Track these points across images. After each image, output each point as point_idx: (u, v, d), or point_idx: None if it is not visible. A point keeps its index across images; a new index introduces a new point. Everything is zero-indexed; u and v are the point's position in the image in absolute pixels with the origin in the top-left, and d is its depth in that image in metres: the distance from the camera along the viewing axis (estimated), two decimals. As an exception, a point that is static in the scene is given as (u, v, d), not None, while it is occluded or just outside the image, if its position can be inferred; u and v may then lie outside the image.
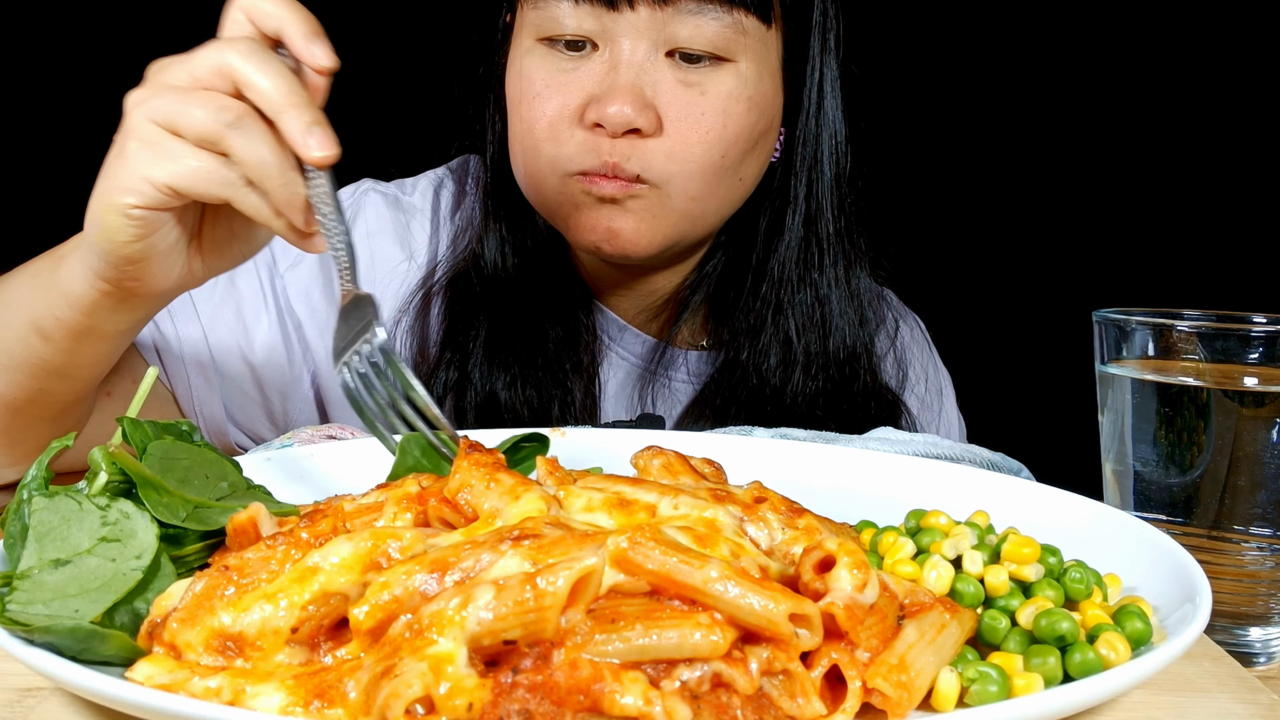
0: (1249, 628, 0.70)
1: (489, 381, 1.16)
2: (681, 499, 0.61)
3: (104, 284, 0.84)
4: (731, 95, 1.08)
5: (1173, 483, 0.72)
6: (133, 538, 0.58)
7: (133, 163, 0.76)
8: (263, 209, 0.76)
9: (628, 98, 1.04)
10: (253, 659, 0.51)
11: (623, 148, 1.06)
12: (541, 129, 1.09)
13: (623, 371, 1.27)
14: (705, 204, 1.12)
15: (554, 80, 1.08)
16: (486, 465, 0.63)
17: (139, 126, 0.76)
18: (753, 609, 0.50)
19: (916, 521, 0.67)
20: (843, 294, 1.22)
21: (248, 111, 0.74)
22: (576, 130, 1.07)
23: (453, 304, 1.20)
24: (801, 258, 1.20)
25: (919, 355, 1.39)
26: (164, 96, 0.75)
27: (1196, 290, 1.50)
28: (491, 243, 1.20)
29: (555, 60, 1.08)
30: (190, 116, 0.74)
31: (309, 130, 0.73)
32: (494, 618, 0.47)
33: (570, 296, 1.23)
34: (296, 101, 0.73)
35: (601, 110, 1.04)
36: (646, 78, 1.06)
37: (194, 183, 0.75)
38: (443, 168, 1.33)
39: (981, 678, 0.52)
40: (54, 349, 0.90)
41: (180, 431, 0.69)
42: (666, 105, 1.06)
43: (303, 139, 0.73)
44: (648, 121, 1.05)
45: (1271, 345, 0.70)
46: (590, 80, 1.07)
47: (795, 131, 1.18)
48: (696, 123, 1.07)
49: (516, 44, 1.12)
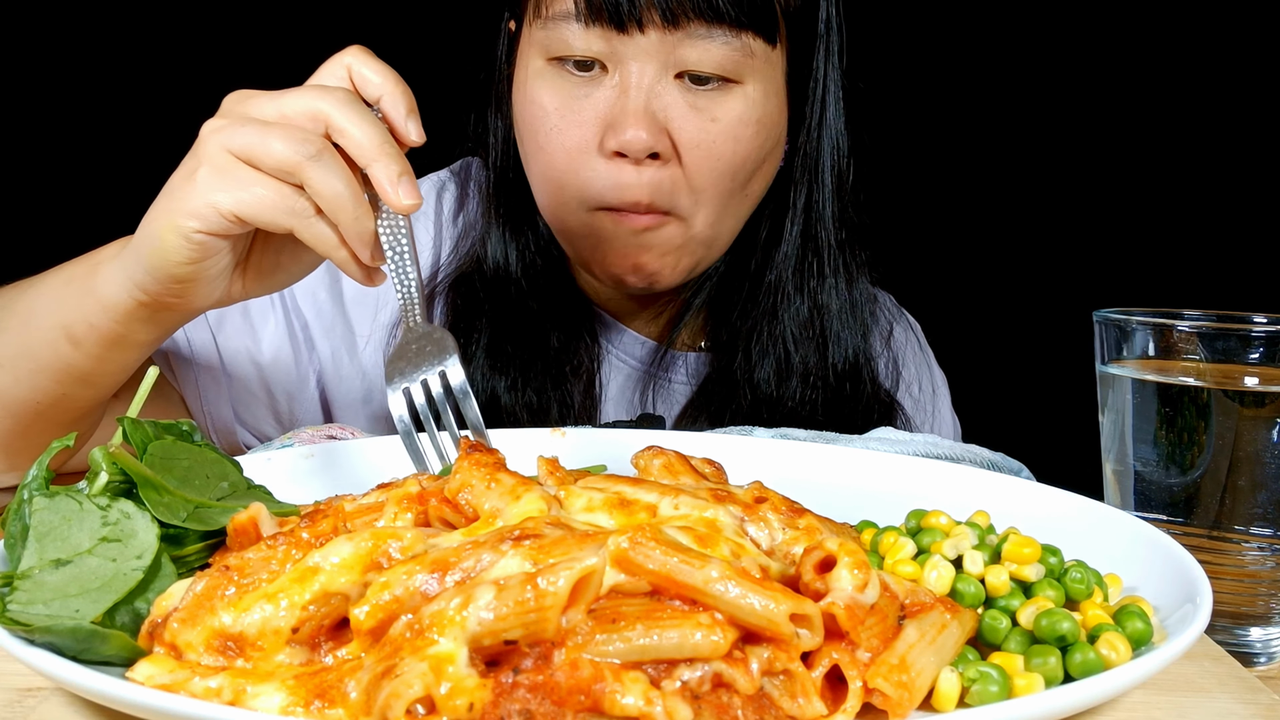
0: (1249, 628, 0.70)
1: (490, 384, 1.16)
2: (682, 499, 0.61)
3: (144, 295, 0.85)
4: (740, 120, 1.09)
5: (1173, 483, 0.72)
6: (133, 538, 0.58)
7: (201, 187, 0.78)
8: (329, 240, 0.78)
9: (643, 122, 1.05)
10: (253, 659, 0.51)
11: (649, 179, 1.06)
12: (562, 162, 1.09)
13: (622, 374, 1.27)
14: (720, 228, 1.14)
15: (567, 108, 1.08)
16: (487, 465, 0.63)
17: (213, 154, 0.78)
18: (753, 609, 0.50)
19: (917, 521, 0.67)
20: (843, 304, 1.22)
21: (329, 146, 0.76)
22: (597, 161, 1.08)
23: (455, 306, 1.20)
24: (799, 267, 1.21)
25: (913, 357, 1.40)
26: (246, 128, 0.77)
27: (1196, 290, 1.50)
28: (494, 245, 1.21)
29: (566, 85, 1.08)
30: (270, 148, 0.76)
31: (399, 180, 0.76)
32: (495, 618, 0.47)
33: (570, 300, 1.23)
34: (389, 152, 0.77)
35: (619, 138, 1.05)
36: (657, 101, 1.06)
37: (260, 211, 0.77)
38: (445, 170, 1.33)
39: (982, 678, 0.52)
40: (83, 355, 0.91)
41: (181, 431, 0.69)
42: (679, 131, 1.07)
43: (393, 188, 0.76)
44: (664, 145, 1.06)
45: (1272, 345, 0.70)
46: (602, 106, 1.07)
47: (797, 143, 1.19)
48: (709, 150, 1.08)
49: (524, 62, 1.12)
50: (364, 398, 1.21)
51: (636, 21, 1.03)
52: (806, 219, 1.20)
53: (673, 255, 1.12)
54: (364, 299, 1.21)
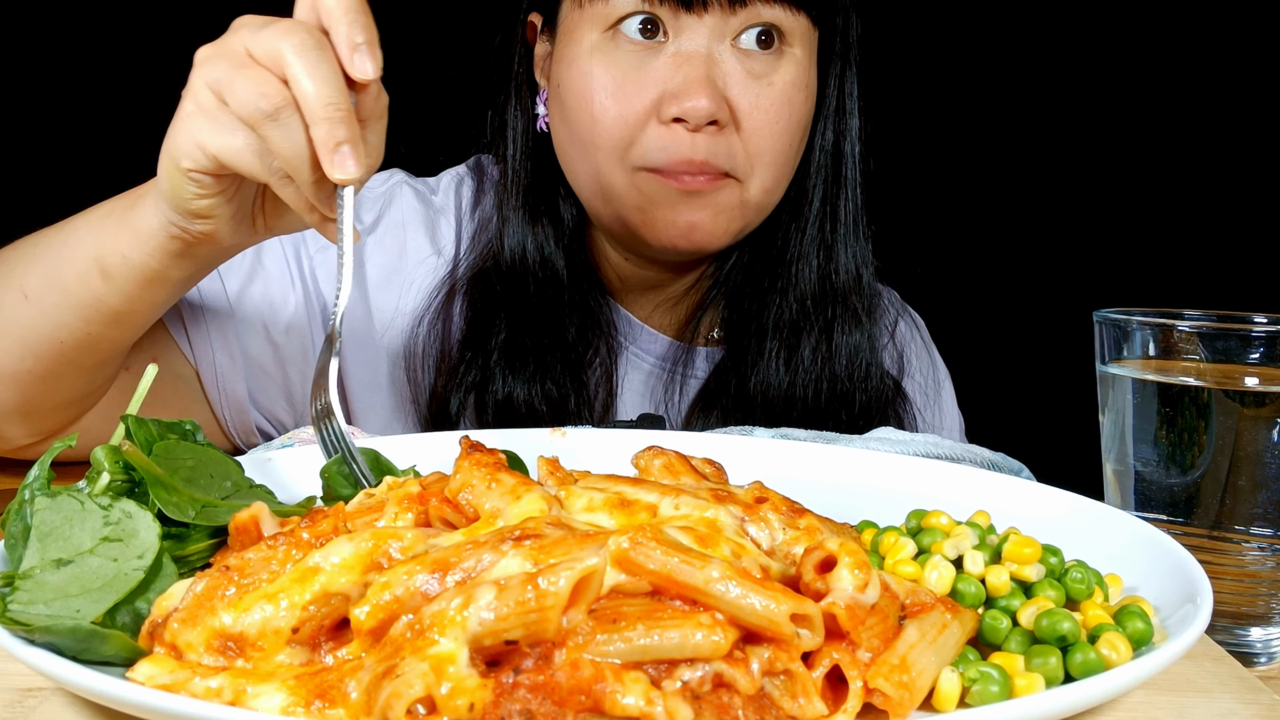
0: (1250, 628, 0.70)
1: (508, 379, 1.17)
2: (683, 499, 0.61)
3: (175, 229, 0.85)
4: (794, 84, 1.12)
5: (1173, 483, 0.72)
6: (135, 537, 0.58)
7: (187, 125, 0.77)
8: (298, 200, 0.77)
9: (704, 90, 1.06)
10: (254, 659, 0.51)
11: (706, 143, 1.08)
12: (615, 127, 1.10)
13: (640, 370, 1.27)
14: (774, 194, 1.16)
15: (625, 77, 1.09)
16: (488, 465, 0.63)
17: (197, 89, 0.77)
18: (754, 609, 0.50)
19: (917, 521, 0.67)
20: (853, 290, 1.23)
21: (289, 103, 0.74)
22: (652, 126, 1.09)
23: (474, 301, 1.21)
24: (815, 251, 1.22)
25: (917, 351, 1.40)
26: (221, 63, 0.76)
27: (1196, 290, 1.50)
28: (512, 240, 1.21)
29: (622, 56, 1.09)
30: (236, 92, 0.75)
31: (335, 148, 0.73)
32: (495, 618, 0.47)
33: (587, 294, 1.23)
34: (333, 114, 0.73)
35: (681, 105, 1.06)
36: (716, 70, 1.08)
37: (240, 160, 0.76)
38: (461, 166, 1.34)
39: (983, 678, 0.52)
40: (114, 290, 0.90)
41: (184, 431, 0.69)
42: (738, 98, 1.09)
43: (327, 153, 0.73)
44: (724, 113, 1.08)
45: (1272, 345, 0.70)
46: (662, 75, 1.08)
47: (816, 126, 1.21)
48: (766, 114, 1.10)
49: (575, 42, 1.13)
50: (379, 383, 1.21)
51: (701, 2, 1.06)
52: (823, 207, 1.22)
53: (725, 216, 1.13)
54: (386, 285, 1.22)
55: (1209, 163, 2.65)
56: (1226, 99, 2.66)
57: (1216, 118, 2.66)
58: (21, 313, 0.94)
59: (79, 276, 0.91)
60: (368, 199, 1.27)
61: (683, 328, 1.29)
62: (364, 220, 1.25)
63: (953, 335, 1.54)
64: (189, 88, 0.78)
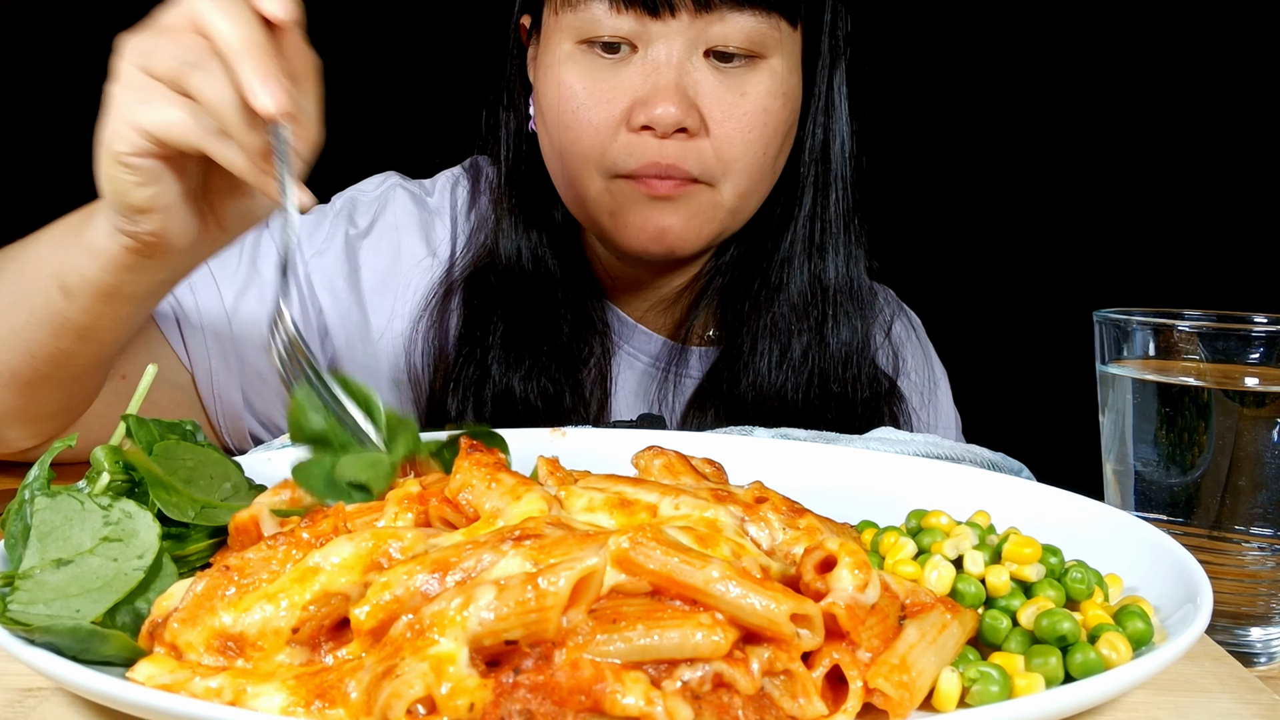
0: (1250, 628, 0.70)
1: (505, 375, 1.17)
2: (682, 499, 0.61)
3: (125, 239, 0.83)
4: (769, 93, 1.11)
5: (1173, 483, 0.72)
6: (135, 537, 0.58)
7: (119, 109, 0.76)
8: (237, 159, 0.74)
9: (673, 98, 1.06)
10: (254, 659, 0.51)
11: (675, 148, 1.08)
12: (586, 134, 1.10)
13: (634, 370, 1.27)
14: (749, 200, 1.16)
15: (596, 87, 1.09)
16: (488, 465, 0.63)
17: (124, 71, 0.76)
18: (754, 609, 0.50)
19: (917, 521, 0.67)
20: (845, 286, 1.23)
21: (211, 53, 0.72)
22: (623, 134, 1.09)
23: (470, 300, 1.21)
24: (806, 250, 1.22)
25: (913, 350, 1.40)
26: (142, 37, 0.75)
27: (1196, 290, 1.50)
28: (506, 240, 1.21)
29: (594, 65, 1.09)
30: (158, 57, 0.74)
31: (261, 80, 0.71)
32: (495, 618, 0.47)
33: (581, 294, 1.24)
34: (254, 51, 0.71)
35: (649, 112, 1.06)
36: (688, 79, 1.08)
37: (172, 132, 0.74)
38: (457, 167, 1.35)
39: (983, 678, 0.52)
40: (77, 307, 0.90)
41: (184, 431, 0.69)
42: (709, 106, 1.09)
43: (250, 87, 0.71)
44: (693, 121, 1.08)
45: (1272, 345, 0.70)
46: (632, 84, 1.08)
47: (805, 126, 1.20)
48: (738, 123, 1.10)
49: (551, 46, 1.13)
50: (378, 385, 1.21)
51: (669, 6, 1.05)
52: (813, 204, 1.21)
53: (697, 222, 1.13)
54: (382, 288, 1.22)
55: (1209, 163, 2.65)
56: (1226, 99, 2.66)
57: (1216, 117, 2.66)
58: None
59: (41, 294, 0.90)
60: (363, 202, 1.27)
61: (677, 328, 1.29)
62: (359, 224, 1.25)
63: (952, 335, 1.54)
64: (113, 74, 0.76)
